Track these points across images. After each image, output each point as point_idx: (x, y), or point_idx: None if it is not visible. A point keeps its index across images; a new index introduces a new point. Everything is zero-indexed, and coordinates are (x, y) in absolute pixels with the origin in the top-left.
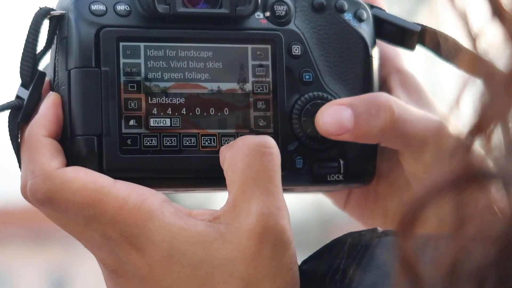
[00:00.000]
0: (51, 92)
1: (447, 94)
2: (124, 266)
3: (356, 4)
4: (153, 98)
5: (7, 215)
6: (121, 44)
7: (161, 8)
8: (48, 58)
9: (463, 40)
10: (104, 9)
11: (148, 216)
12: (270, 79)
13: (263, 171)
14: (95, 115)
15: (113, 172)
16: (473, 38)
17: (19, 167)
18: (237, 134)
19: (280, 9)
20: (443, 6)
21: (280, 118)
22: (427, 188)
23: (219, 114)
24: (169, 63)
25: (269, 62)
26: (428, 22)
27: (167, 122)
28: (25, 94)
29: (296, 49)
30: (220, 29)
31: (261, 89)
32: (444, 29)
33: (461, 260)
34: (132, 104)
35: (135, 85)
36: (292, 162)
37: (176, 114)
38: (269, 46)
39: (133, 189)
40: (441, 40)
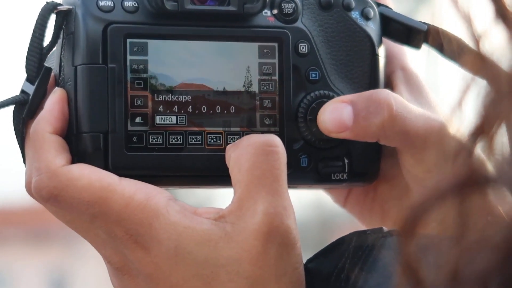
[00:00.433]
0: (57, 87)
1: (450, 95)
2: (129, 264)
3: (363, 2)
4: (159, 96)
5: (7, 215)
6: (128, 40)
7: (169, 5)
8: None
9: (467, 40)
10: (112, 5)
11: (153, 214)
12: (276, 77)
13: (269, 170)
14: (101, 112)
15: (119, 170)
16: (476, 39)
17: (24, 162)
18: (242, 132)
19: (288, 7)
20: (447, 7)
21: (286, 117)
22: (430, 192)
23: (225, 112)
24: (176, 61)
25: (276, 60)
26: (432, 21)
27: (173, 120)
28: (30, 89)
29: (303, 47)
30: (227, 26)
31: (267, 87)
32: (449, 29)
33: (464, 265)
34: (139, 102)
35: (141, 82)
36: (297, 161)
37: (182, 112)
38: (276, 44)
39: (139, 187)
40: (446, 40)
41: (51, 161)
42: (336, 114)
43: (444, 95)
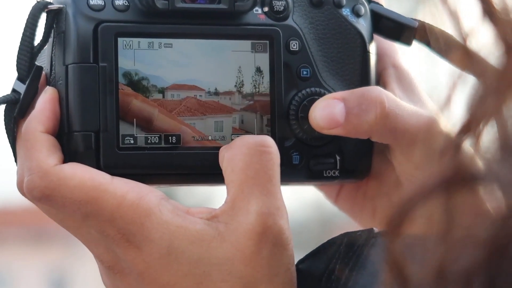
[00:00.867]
0: (48, 86)
1: (440, 92)
2: (121, 263)
3: (354, 0)
4: (151, 96)
5: (7, 215)
6: (119, 39)
7: (160, 4)
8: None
9: (455, 36)
10: (103, 3)
11: (146, 213)
12: (268, 75)
13: (262, 170)
14: (92, 111)
15: (110, 168)
16: (464, 36)
17: (15, 161)
18: (234, 131)
19: (279, 5)
20: (435, 5)
21: (277, 114)
22: (416, 189)
23: (217, 112)
24: (166, 59)
25: (267, 58)
26: (423, 18)
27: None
28: (21, 88)
29: (294, 45)
30: (218, 24)
31: (258, 85)
32: (439, 25)
33: (450, 262)
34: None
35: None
36: (289, 158)
37: (173, 112)
38: (267, 42)
39: (131, 186)
40: (435, 36)
41: (43, 161)
42: (328, 111)
43: (436, 92)
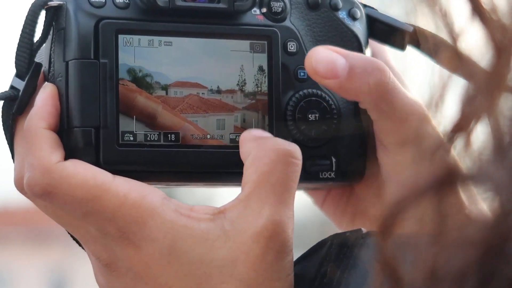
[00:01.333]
0: (47, 83)
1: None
2: (118, 262)
3: (350, 3)
4: (153, 92)
5: (7, 215)
6: (119, 36)
7: (161, 1)
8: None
9: (445, 38)
10: (104, 0)
11: (148, 213)
12: (266, 75)
13: (284, 180)
14: (93, 107)
15: (110, 165)
16: (454, 37)
17: (12, 158)
18: (235, 130)
19: (277, 6)
20: (424, 5)
21: (275, 115)
22: (408, 189)
23: (219, 110)
24: (167, 57)
25: (265, 59)
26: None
27: (166, 116)
28: (20, 84)
29: (291, 46)
30: (217, 23)
31: (257, 85)
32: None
33: (442, 263)
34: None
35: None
36: None
37: (175, 109)
38: (265, 42)
39: (132, 186)
40: (422, 38)
41: (45, 158)
42: (331, 60)
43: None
